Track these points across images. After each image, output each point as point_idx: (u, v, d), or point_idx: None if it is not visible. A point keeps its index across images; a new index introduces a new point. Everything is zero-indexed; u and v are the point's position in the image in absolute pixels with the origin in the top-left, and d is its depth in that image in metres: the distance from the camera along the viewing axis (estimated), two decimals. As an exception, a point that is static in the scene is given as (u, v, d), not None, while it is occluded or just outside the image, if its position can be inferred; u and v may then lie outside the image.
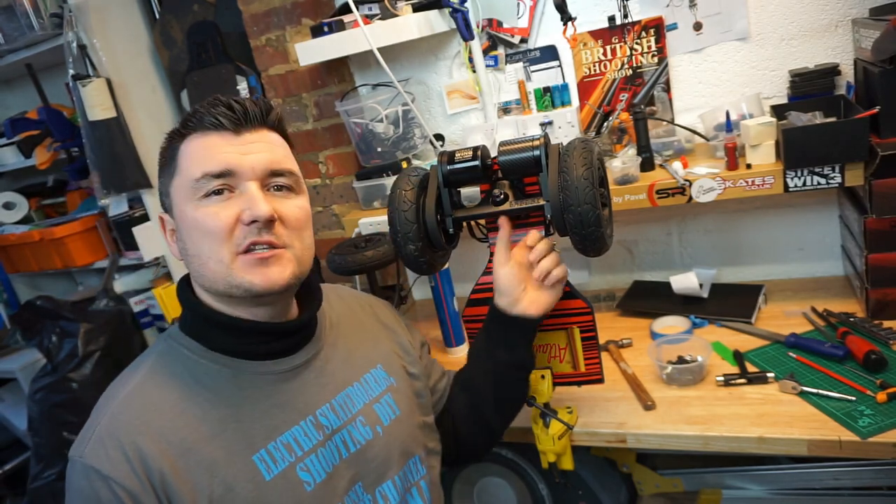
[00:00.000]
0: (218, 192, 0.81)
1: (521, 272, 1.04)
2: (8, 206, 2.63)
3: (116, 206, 2.21)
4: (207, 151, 0.82)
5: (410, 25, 1.54)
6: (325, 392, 0.91)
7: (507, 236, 1.06)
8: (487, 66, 1.75)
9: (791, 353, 1.31)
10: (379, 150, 1.78)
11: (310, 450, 0.86)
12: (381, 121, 1.74)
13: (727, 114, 1.46)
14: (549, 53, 1.70)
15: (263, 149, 0.84)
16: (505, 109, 1.79)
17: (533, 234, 1.05)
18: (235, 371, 0.86)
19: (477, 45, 1.69)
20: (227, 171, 0.81)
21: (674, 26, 1.56)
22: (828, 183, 1.28)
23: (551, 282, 1.04)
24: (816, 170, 1.27)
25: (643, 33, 1.58)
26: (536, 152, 1.04)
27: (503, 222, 1.06)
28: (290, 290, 0.88)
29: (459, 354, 1.65)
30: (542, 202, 1.06)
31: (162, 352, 0.88)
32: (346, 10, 1.60)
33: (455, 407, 1.14)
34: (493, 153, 1.11)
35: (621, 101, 1.65)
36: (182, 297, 0.89)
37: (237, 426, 0.82)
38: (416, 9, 1.59)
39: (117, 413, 0.80)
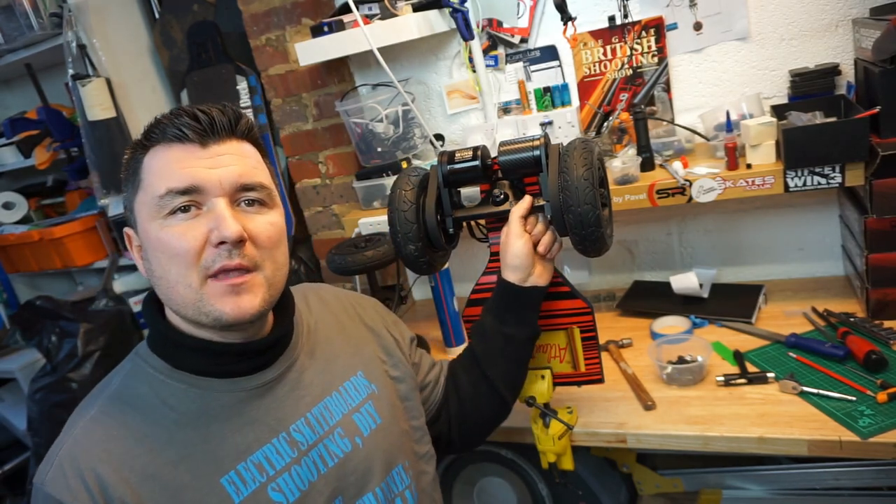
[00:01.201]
0: (184, 210, 0.76)
1: (531, 245, 1.06)
2: (7, 206, 2.63)
3: (116, 206, 2.21)
4: (172, 166, 0.77)
5: (410, 25, 1.54)
6: (300, 406, 0.88)
7: (527, 207, 1.06)
8: (487, 66, 1.75)
9: (791, 353, 1.31)
10: (379, 150, 1.78)
11: (283, 468, 0.82)
12: (381, 121, 1.74)
13: (727, 114, 1.46)
14: (549, 53, 1.70)
15: (232, 161, 0.79)
16: (505, 109, 1.78)
17: (527, 201, 1.06)
18: (203, 390, 0.82)
19: (477, 45, 1.69)
20: (192, 187, 0.76)
21: (674, 26, 1.56)
22: (828, 183, 1.28)
23: (553, 255, 1.08)
24: (817, 170, 1.27)
25: (643, 33, 1.58)
26: (536, 152, 1.04)
27: (526, 198, 1.07)
28: (263, 317, 0.84)
29: (459, 354, 1.65)
30: (542, 202, 1.06)
31: (129, 372, 0.84)
32: (346, 9, 1.60)
33: (461, 391, 1.12)
34: (493, 153, 1.11)
35: (621, 101, 1.65)
36: (147, 317, 0.86)
37: (205, 448, 0.79)
38: (416, 9, 1.59)
39: (79, 439, 0.77)
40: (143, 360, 0.84)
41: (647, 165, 1.49)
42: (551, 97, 1.70)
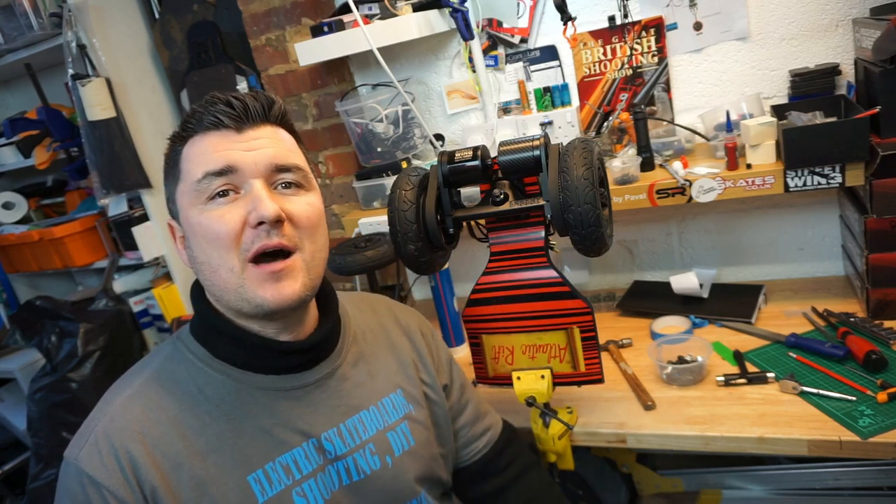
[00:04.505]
0: (223, 194, 0.77)
1: None
2: (7, 206, 2.63)
3: (116, 206, 2.21)
4: (208, 151, 0.78)
5: (410, 25, 1.54)
6: (334, 415, 0.87)
7: None
8: (487, 66, 1.75)
9: (791, 353, 1.30)
10: (379, 150, 1.78)
11: (309, 474, 0.82)
12: (381, 121, 1.74)
13: (727, 114, 1.46)
14: (549, 53, 1.70)
15: (267, 144, 0.80)
16: (505, 109, 1.78)
17: None
18: (240, 384, 0.82)
19: (477, 45, 1.69)
20: (228, 167, 0.77)
21: (674, 26, 1.56)
22: (828, 183, 1.27)
23: None
24: (817, 170, 1.27)
25: (643, 33, 1.58)
26: (536, 152, 1.04)
27: None
28: (304, 305, 0.84)
29: (459, 354, 1.65)
30: (542, 202, 1.06)
31: (168, 355, 0.85)
32: (345, 9, 1.60)
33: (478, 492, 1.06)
34: (493, 153, 1.11)
35: (621, 101, 1.65)
36: (194, 300, 0.86)
37: (235, 443, 0.80)
38: (416, 9, 1.58)
39: (116, 416, 0.78)
40: (183, 345, 0.85)
41: (647, 165, 1.49)
42: (551, 97, 1.70)
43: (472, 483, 1.06)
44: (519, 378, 1.15)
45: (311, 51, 1.66)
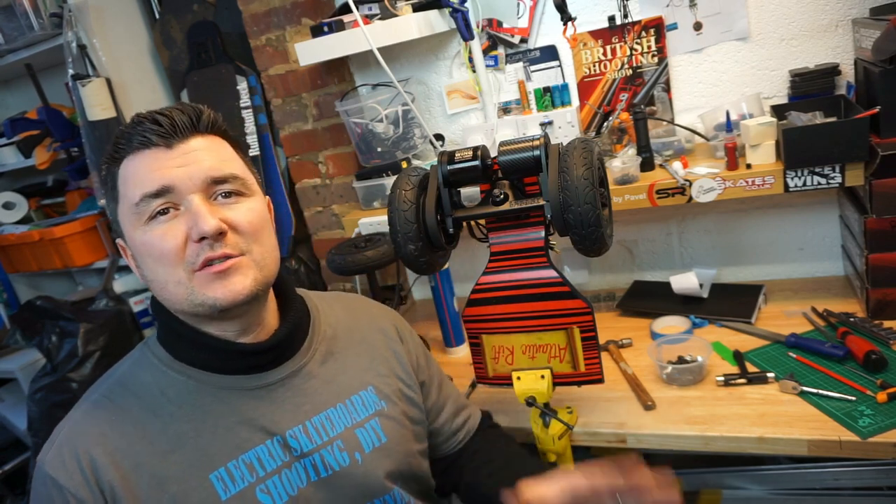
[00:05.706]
0: (163, 212, 0.77)
1: None
2: (8, 206, 2.63)
3: (116, 205, 2.21)
4: (142, 172, 0.78)
5: (410, 25, 1.54)
6: (299, 413, 0.87)
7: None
8: (487, 66, 1.75)
9: (791, 353, 1.31)
10: (379, 150, 1.78)
11: (273, 471, 0.83)
12: (381, 121, 1.74)
13: (727, 114, 1.46)
14: (549, 53, 1.70)
15: (200, 157, 0.79)
16: (505, 109, 1.78)
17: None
18: (201, 384, 0.84)
19: (477, 45, 1.69)
20: (164, 188, 0.77)
21: (674, 26, 1.56)
22: (828, 183, 1.28)
23: None
24: (817, 170, 1.27)
25: (643, 33, 1.58)
26: (536, 152, 1.04)
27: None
28: (258, 300, 0.83)
29: (459, 354, 1.65)
30: (542, 202, 1.06)
31: (135, 360, 0.87)
32: (346, 9, 1.60)
33: (464, 477, 1.07)
34: (493, 153, 1.11)
35: (621, 101, 1.65)
36: (154, 307, 0.88)
37: (197, 442, 0.80)
38: (416, 9, 1.58)
39: (79, 421, 0.81)
40: (149, 350, 0.87)
41: (646, 165, 1.49)
42: (551, 97, 1.70)
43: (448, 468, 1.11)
44: (519, 378, 1.15)
45: (311, 51, 1.66)
